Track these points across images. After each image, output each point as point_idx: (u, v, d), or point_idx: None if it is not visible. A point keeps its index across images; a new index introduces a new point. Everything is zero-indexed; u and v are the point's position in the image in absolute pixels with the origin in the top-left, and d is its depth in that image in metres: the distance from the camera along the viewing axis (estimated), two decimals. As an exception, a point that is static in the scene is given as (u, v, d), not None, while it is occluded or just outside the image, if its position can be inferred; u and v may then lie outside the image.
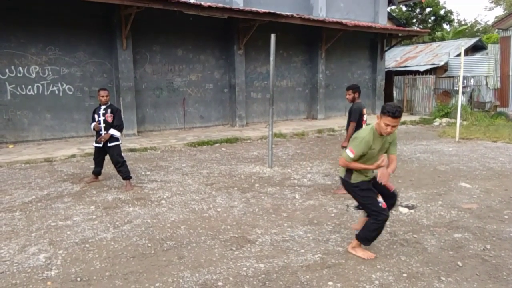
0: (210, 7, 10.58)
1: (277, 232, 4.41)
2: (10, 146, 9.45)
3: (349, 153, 3.57)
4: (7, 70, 9.57)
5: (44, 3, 9.33)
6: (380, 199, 3.63)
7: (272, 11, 12.04)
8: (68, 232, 4.41)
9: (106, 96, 6.18)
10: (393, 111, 3.33)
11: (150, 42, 11.61)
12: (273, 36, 7.27)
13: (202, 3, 10.54)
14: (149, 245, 4.09)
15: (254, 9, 12.01)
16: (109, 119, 6.13)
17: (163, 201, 5.56)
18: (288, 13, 12.38)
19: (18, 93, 9.76)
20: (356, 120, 5.81)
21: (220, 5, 11.18)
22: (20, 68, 9.74)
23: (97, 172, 6.60)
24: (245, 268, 3.57)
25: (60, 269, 3.57)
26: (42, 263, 3.67)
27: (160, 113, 12.08)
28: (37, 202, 5.50)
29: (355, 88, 5.94)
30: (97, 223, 4.70)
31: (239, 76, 13.13)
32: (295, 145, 10.24)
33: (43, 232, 4.43)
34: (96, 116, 6.26)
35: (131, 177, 6.31)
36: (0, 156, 8.30)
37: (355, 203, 5.30)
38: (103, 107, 6.21)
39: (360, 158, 3.58)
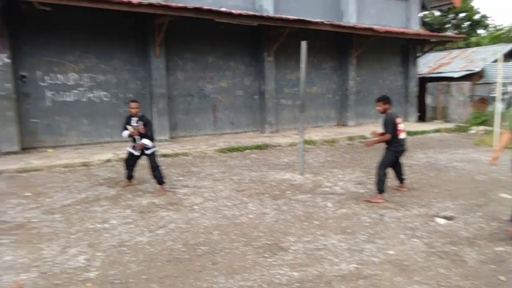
0: (240, 15, 10.71)
1: (310, 240, 4.38)
2: (50, 150, 9.83)
3: None
4: (47, 78, 9.98)
5: (82, 13, 9.70)
6: None
7: (302, 18, 12.05)
8: (106, 235, 4.54)
9: (137, 108, 6.36)
10: None
11: (182, 50, 11.85)
12: (304, 44, 7.27)
13: (233, 11, 10.68)
14: (184, 250, 4.15)
15: (284, 16, 12.06)
16: (142, 131, 6.30)
17: (195, 207, 5.63)
18: (318, 20, 12.37)
19: (57, 100, 10.16)
20: (391, 132, 5.73)
21: (251, 12, 11.30)
22: (59, 75, 10.13)
23: (129, 176, 6.79)
24: (278, 276, 3.57)
25: (99, 271, 3.68)
26: (81, 265, 3.79)
27: (191, 119, 12.27)
28: (75, 205, 5.69)
29: (385, 99, 5.85)
30: (133, 227, 4.81)
31: (269, 83, 13.18)
32: (326, 152, 10.15)
33: (82, 234, 4.58)
34: (129, 127, 6.41)
35: (164, 182, 6.44)
36: (40, 160, 8.64)
37: (389, 213, 5.22)
38: (135, 118, 6.38)
39: None
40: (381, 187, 5.77)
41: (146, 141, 6.33)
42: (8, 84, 9.16)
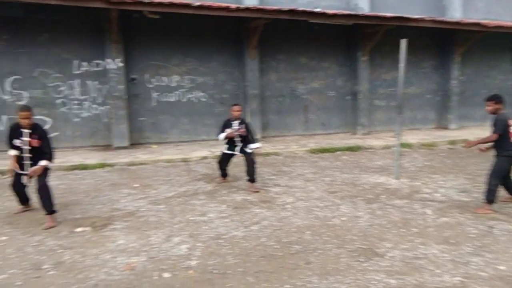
0: (335, 15, 10.56)
1: (408, 248, 4.18)
2: (154, 146, 10.73)
3: None
4: (153, 80, 10.92)
5: (184, 19, 10.41)
6: None
7: (400, 15, 11.47)
8: (205, 227, 4.83)
9: (239, 111, 6.67)
10: None
11: (275, 51, 12.07)
12: (404, 42, 6.93)
13: (327, 11, 10.57)
14: (277, 247, 4.24)
15: (381, 14, 11.60)
16: (244, 133, 6.64)
17: (287, 206, 5.71)
18: (417, 16, 11.67)
19: (161, 100, 11.05)
20: (501, 131, 5.18)
21: (346, 12, 11.09)
22: (164, 77, 11.01)
23: (224, 175, 7.14)
24: (374, 282, 3.47)
25: (199, 260, 3.93)
26: (184, 253, 4.09)
27: (282, 120, 12.44)
28: (177, 198, 6.14)
29: (497, 99, 5.29)
30: (229, 221, 5.04)
31: (363, 83, 12.80)
32: (424, 157, 9.56)
33: (183, 225, 4.93)
34: (227, 129, 6.71)
35: (256, 181, 6.63)
36: (146, 155, 9.48)
37: (499, 225, 4.75)
38: (237, 121, 6.66)
39: None
40: (491, 198, 5.26)
41: (254, 145, 6.68)
42: (121, 86, 10.22)
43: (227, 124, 6.77)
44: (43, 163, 4.96)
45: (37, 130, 4.98)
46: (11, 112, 9.64)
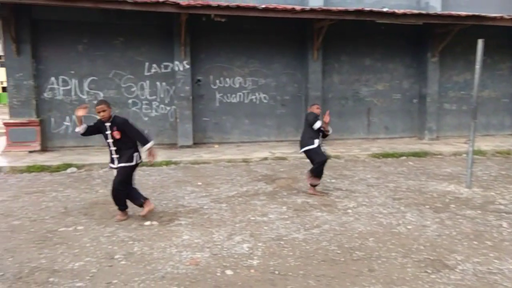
0: (404, 14, 10.16)
1: (480, 262, 3.92)
2: (216, 146, 11.03)
3: None
4: (217, 81, 11.22)
5: (248, 21, 10.58)
6: None
7: (476, 14, 10.75)
8: (265, 228, 4.88)
9: (319, 109, 6.49)
10: None
11: (338, 53, 11.87)
12: (480, 42, 6.50)
13: (396, 11, 10.19)
14: (339, 252, 4.17)
15: (454, 12, 10.95)
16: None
17: (349, 210, 5.59)
18: (496, 15, 10.87)
19: (224, 101, 11.33)
20: None
21: (416, 11, 10.62)
22: (227, 79, 11.28)
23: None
24: (443, 295, 3.30)
25: (260, 260, 3.97)
26: (245, 252, 4.16)
27: (344, 122, 12.20)
28: (238, 197, 6.25)
29: None
30: (289, 223, 5.05)
31: (431, 86, 12.19)
32: (499, 165, 8.89)
33: (244, 224, 5.01)
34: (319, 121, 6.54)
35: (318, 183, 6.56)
36: (209, 154, 9.77)
37: None
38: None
39: None
40: None
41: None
42: (187, 87, 10.63)
43: (318, 116, 6.48)
44: (147, 146, 4.97)
45: (116, 122, 4.97)
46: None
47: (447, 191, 6.62)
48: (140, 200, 5.15)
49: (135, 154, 5.07)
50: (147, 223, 5.00)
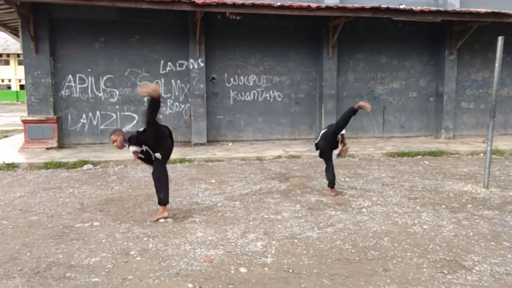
0: (422, 11, 10.02)
1: (498, 263, 3.84)
2: (230, 144, 11.05)
3: None
4: (231, 79, 11.23)
5: (263, 19, 10.56)
6: None
7: (496, 11, 10.54)
8: (279, 226, 4.87)
9: None
10: None
11: (354, 50, 11.77)
12: (500, 39, 6.36)
13: (413, 8, 10.06)
14: (353, 251, 4.14)
15: (472, 9, 10.75)
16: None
17: (363, 210, 5.54)
18: (517, 11, 10.63)
19: (238, 99, 11.34)
20: None
21: (434, 8, 10.46)
22: (242, 77, 11.28)
23: None
24: (460, 296, 3.25)
25: (274, 258, 3.97)
26: (259, 250, 4.16)
27: (358, 121, 12.06)
28: (252, 195, 6.26)
29: None
30: (303, 222, 5.03)
31: (449, 84, 11.99)
32: (518, 165, 8.71)
33: (258, 222, 5.01)
34: None
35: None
36: (222, 152, 9.80)
37: None
38: None
39: None
40: None
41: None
42: (201, 85, 10.67)
43: None
44: (133, 149, 5.00)
45: (129, 142, 4.99)
46: (104, 108, 10.56)
47: (464, 191, 6.51)
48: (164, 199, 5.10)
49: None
50: (162, 220, 5.04)
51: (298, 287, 3.38)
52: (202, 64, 10.61)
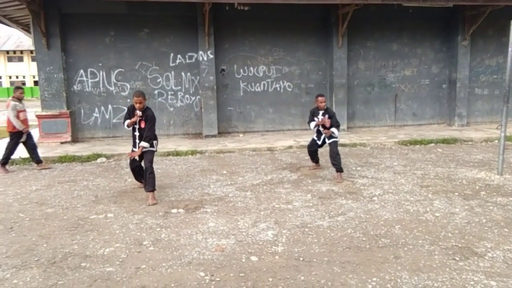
0: (433, -4, 9.84)
1: (511, 249, 3.81)
2: (241, 135, 11.09)
3: None
4: (241, 70, 11.22)
5: (271, 9, 10.50)
6: None
7: (511, -7, 10.30)
8: (290, 215, 4.89)
9: (324, 102, 6.64)
10: None
11: (364, 39, 11.64)
12: (514, 22, 6.23)
13: (424, -7, 9.89)
14: (364, 239, 4.14)
15: (486, -7, 10.52)
16: (327, 124, 6.56)
17: (375, 198, 5.53)
18: (532, -7, 10.36)
19: (248, 90, 11.34)
20: None
21: (445, -8, 10.26)
22: (251, 68, 11.26)
23: (316, 161, 7.29)
24: (472, 283, 3.23)
25: (285, 246, 4.00)
26: (270, 239, 4.19)
27: (370, 110, 12.00)
28: (263, 185, 6.29)
29: None
30: (314, 211, 5.05)
31: (462, 70, 11.80)
32: (533, 151, 8.56)
33: (269, 212, 5.04)
34: (316, 118, 6.70)
35: (342, 171, 6.53)
36: (234, 143, 9.84)
37: None
38: (321, 111, 6.65)
39: None
40: None
41: (334, 130, 6.60)
42: (211, 77, 10.69)
43: (314, 113, 6.76)
44: (142, 144, 5.54)
45: (146, 113, 5.60)
46: (116, 101, 10.66)
47: (477, 178, 6.44)
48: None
49: (155, 142, 5.78)
50: (174, 210, 5.11)
51: (308, 275, 3.41)
52: (211, 56, 10.62)
